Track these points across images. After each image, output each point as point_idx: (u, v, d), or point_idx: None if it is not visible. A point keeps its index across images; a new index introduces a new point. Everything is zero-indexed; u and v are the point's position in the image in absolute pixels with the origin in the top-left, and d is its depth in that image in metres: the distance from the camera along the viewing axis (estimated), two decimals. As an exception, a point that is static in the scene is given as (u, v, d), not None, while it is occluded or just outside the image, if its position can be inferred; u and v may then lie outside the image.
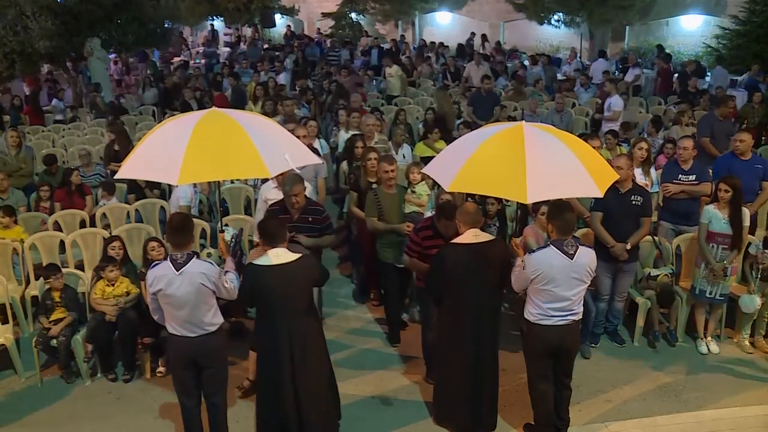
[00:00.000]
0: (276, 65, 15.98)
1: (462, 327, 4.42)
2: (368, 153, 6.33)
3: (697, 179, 6.16)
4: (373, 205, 5.75)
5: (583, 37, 20.05)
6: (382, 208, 5.70)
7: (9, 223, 6.50)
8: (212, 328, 4.15)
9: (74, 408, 5.11)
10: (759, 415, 4.89)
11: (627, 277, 5.56)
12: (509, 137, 4.00)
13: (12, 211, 6.64)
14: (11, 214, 6.55)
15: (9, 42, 12.72)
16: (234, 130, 4.01)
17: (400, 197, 5.85)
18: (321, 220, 5.28)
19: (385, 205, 5.71)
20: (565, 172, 3.87)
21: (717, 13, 18.81)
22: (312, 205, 5.33)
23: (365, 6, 23.54)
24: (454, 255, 4.33)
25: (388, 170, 5.72)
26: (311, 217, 5.23)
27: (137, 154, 4.10)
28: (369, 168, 6.20)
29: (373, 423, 4.85)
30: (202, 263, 4.06)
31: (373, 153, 6.29)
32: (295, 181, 5.13)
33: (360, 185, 6.29)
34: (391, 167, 5.72)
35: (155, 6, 15.39)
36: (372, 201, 5.77)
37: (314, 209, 5.30)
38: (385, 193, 5.76)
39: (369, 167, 6.20)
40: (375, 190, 5.86)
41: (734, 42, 16.12)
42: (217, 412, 4.37)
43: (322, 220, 5.29)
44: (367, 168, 6.23)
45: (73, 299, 5.50)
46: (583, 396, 5.04)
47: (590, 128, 10.71)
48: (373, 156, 6.22)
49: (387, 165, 5.75)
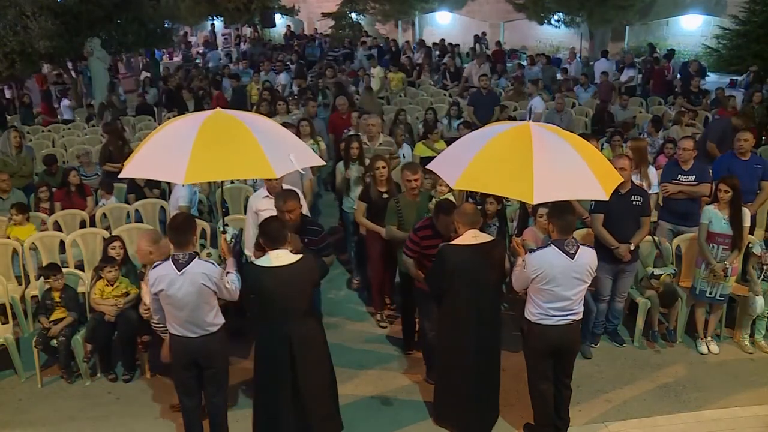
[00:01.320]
0: (276, 65, 15.98)
1: (462, 327, 4.41)
2: (375, 162, 5.93)
3: (696, 180, 6.15)
4: (393, 213, 5.47)
5: (583, 37, 20.07)
6: (402, 217, 5.42)
7: (22, 220, 6.54)
8: (213, 328, 4.15)
9: (74, 408, 5.11)
10: (759, 415, 4.89)
11: (628, 278, 5.56)
12: (516, 137, 4.01)
13: (25, 208, 6.71)
14: (24, 212, 6.60)
15: (9, 42, 12.74)
16: (239, 130, 4.02)
17: (423, 205, 5.51)
18: (317, 241, 4.82)
19: (405, 214, 5.43)
20: (571, 173, 3.87)
21: (717, 13, 18.83)
22: (309, 225, 4.94)
23: (365, 6, 23.55)
24: (455, 255, 4.32)
25: (411, 179, 5.38)
26: (307, 238, 4.76)
27: (142, 153, 4.12)
28: (378, 177, 5.88)
29: (373, 423, 4.85)
30: (203, 264, 4.06)
31: (380, 162, 5.90)
32: (289, 196, 4.73)
33: (370, 195, 5.93)
34: (414, 176, 5.38)
35: (155, 6, 15.43)
36: (393, 209, 5.48)
37: (311, 229, 4.89)
38: (407, 201, 5.47)
39: (378, 177, 5.87)
40: (397, 197, 5.58)
41: (734, 42, 16.14)
42: (218, 413, 4.38)
43: (319, 240, 4.84)
44: (376, 177, 5.89)
45: (73, 299, 5.49)
46: (583, 396, 5.04)
47: (590, 128, 10.70)
48: (381, 165, 5.87)
49: (410, 174, 5.40)
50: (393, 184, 6.01)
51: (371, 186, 5.97)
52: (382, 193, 5.88)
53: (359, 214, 6.02)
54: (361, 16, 24.19)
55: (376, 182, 5.92)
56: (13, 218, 6.52)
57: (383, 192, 5.88)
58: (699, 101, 11.72)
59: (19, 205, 6.65)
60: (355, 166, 6.62)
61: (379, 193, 5.89)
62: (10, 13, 12.88)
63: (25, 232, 6.49)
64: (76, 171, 7.75)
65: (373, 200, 5.89)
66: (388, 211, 5.53)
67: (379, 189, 5.90)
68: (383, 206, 5.70)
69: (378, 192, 5.90)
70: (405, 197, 5.52)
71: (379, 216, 5.76)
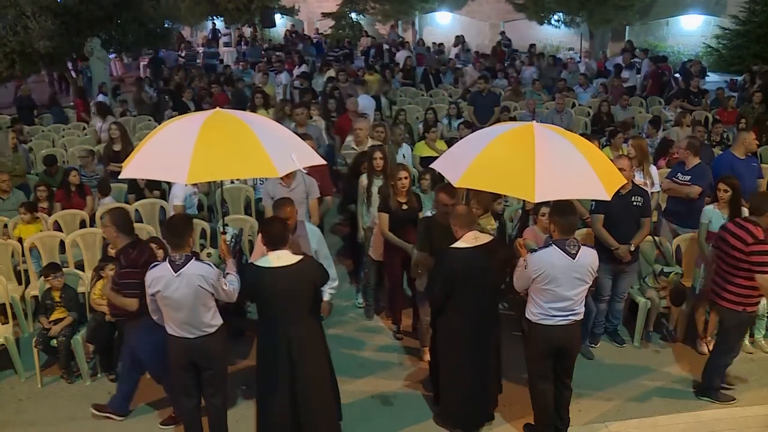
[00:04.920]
0: (276, 65, 15.97)
1: (464, 328, 4.41)
2: (398, 171, 5.66)
3: (691, 180, 6.16)
4: (425, 239, 5.03)
5: (583, 37, 20.08)
6: (434, 240, 4.93)
7: (31, 219, 6.58)
8: (211, 329, 4.14)
9: (74, 408, 5.10)
10: (759, 415, 4.89)
11: (628, 278, 5.56)
12: (519, 136, 4.01)
13: (34, 207, 6.75)
14: (33, 210, 6.64)
15: (9, 42, 12.73)
16: (241, 130, 4.02)
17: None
18: None
19: (437, 237, 4.90)
20: (573, 173, 3.87)
21: (717, 13, 18.85)
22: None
23: (365, 6, 23.55)
24: (456, 258, 4.31)
25: (448, 204, 4.83)
26: None
27: (143, 153, 4.09)
28: (399, 188, 5.60)
29: (373, 423, 4.85)
30: (200, 265, 4.04)
31: (403, 172, 5.63)
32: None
33: (389, 206, 5.64)
34: (451, 201, 4.83)
35: (155, 6, 15.41)
36: (423, 234, 5.04)
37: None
38: (439, 225, 4.92)
39: (399, 187, 5.59)
40: (427, 220, 5.12)
41: (734, 42, 16.16)
42: (217, 413, 4.37)
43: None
44: (397, 188, 5.61)
45: (73, 299, 5.49)
46: (583, 396, 5.04)
47: (590, 128, 10.71)
48: (404, 175, 5.60)
49: (448, 198, 4.85)
50: (414, 196, 5.80)
51: (391, 196, 5.69)
52: (401, 204, 5.65)
53: (384, 226, 5.69)
54: (361, 16, 24.19)
55: (397, 192, 5.65)
56: (22, 217, 6.56)
57: (403, 203, 5.65)
58: (699, 101, 11.72)
59: (28, 203, 6.72)
60: (379, 180, 6.10)
61: (399, 204, 5.65)
62: (10, 13, 12.86)
63: (33, 230, 6.52)
64: (76, 171, 7.75)
65: (392, 210, 5.64)
66: (418, 236, 5.16)
67: (398, 200, 5.66)
68: (402, 218, 5.59)
69: (398, 203, 5.65)
70: (437, 220, 5.00)
71: (396, 228, 5.62)
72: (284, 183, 5.69)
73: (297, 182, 5.77)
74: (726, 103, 11.01)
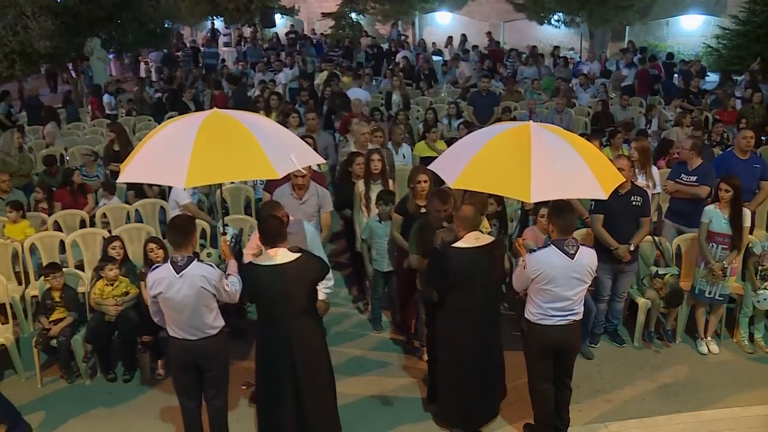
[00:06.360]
0: (275, 65, 15.96)
1: (463, 328, 4.42)
2: (417, 174, 5.49)
3: (697, 181, 6.15)
4: (415, 241, 4.99)
5: (583, 37, 20.08)
6: (427, 243, 4.85)
7: (16, 217, 6.53)
8: (213, 331, 4.13)
9: (74, 408, 5.10)
10: (759, 415, 4.89)
11: (627, 278, 5.56)
12: (516, 136, 4.01)
13: (19, 205, 6.69)
14: (18, 209, 6.60)
15: (9, 42, 12.73)
16: (239, 131, 4.00)
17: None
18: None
19: (428, 239, 4.84)
20: (570, 172, 3.87)
21: (717, 13, 18.85)
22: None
23: (365, 6, 23.54)
24: (457, 258, 4.31)
25: (440, 210, 4.87)
26: None
27: (140, 156, 4.07)
28: (419, 191, 5.45)
29: (373, 423, 4.85)
30: (202, 266, 4.03)
31: (423, 175, 5.43)
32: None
33: (407, 208, 5.50)
34: (444, 207, 4.87)
35: (155, 6, 15.42)
36: (415, 235, 5.00)
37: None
38: (432, 228, 4.89)
39: (419, 190, 5.44)
40: (421, 223, 5.06)
41: (734, 42, 16.13)
42: (218, 414, 4.36)
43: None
44: (416, 191, 5.46)
45: (73, 299, 5.49)
46: (583, 396, 5.04)
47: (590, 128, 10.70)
48: (424, 179, 5.42)
49: (441, 204, 4.87)
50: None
51: (409, 199, 5.57)
52: (420, 207, 5.45)
53: (394, 228, 5.58)
54: (361, 16, 24.18)
55: (416, 195, 5.50)
56: (8, 215, 6.51)
57: (422, 206, 5.42)
58: (698, 101, 11.72)
59: (13, 202, 6.64)
60: (377, 185, 6.03)
61: (418, 207, 5.47)
62: (10, 13, 12.87)
63: (19, 230, 6.46)
64: (78, 171, 7.76)
65: (410, 213, 5.47)
66: (410, 237, 5.09)
67: (417, 203, 5.49)
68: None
69: (416, 206, 5.48)
70: (430, 223, 4.98)
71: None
72: (296, 195, 5.47)
73: (309, 194, 5.54)
74: (726, 103, 11.00)
